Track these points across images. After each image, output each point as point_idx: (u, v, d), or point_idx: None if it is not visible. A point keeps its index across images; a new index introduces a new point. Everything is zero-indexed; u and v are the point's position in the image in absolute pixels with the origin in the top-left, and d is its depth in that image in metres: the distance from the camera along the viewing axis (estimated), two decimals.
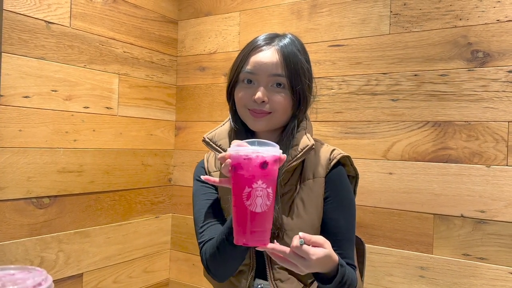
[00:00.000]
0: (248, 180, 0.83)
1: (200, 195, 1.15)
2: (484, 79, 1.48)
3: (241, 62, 1.06)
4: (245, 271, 1.06)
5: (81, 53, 1.75)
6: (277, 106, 1.03)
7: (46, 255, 1.63)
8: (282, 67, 1.02)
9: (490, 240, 1.47)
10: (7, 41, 1.49)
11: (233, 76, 1.08)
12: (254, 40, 1.08)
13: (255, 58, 1.04)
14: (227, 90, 1.11)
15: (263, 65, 1.02)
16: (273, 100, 1.02)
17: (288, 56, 1.03)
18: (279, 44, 1.04)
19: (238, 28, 2.05)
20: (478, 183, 1.48)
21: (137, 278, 2.05)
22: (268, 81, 1.03)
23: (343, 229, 1.06)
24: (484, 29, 1.49)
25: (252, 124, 1.06)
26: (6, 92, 1.49)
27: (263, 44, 1.05)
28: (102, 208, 1.86)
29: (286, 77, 1.02)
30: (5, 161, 1.50)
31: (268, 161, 0.82)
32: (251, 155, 0.82)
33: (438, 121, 1.56)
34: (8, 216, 1.51)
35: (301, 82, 1.04)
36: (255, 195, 0.83)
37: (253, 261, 1.06)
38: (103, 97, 1.85)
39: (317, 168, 1.07)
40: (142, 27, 2.04)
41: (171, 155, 2.24)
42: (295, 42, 1.08)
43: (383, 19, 1.67)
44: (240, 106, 1.06)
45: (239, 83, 1.07)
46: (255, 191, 0.83)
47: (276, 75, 1.02)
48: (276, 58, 1.02)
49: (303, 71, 1.05)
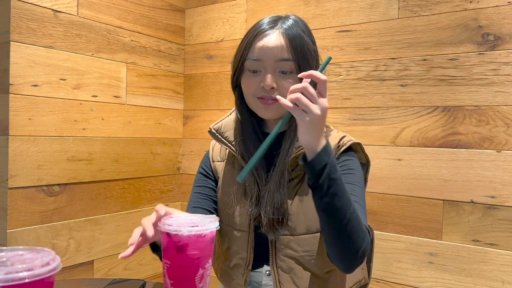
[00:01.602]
0: (201, 261, 0.74)
1: (194, 187, 1.15)
2: (495, 62, 1.46)
3: (245, 50, 1.01)
4: (242, 265, 1.05)
5: (89, 42, 1.76)
6: (286, 92, 0.97)
7: (57, 242, 1.65)
8: (289, 51, 0.98)
9: (500, 226, 1.45)
10: (15, 30, 1.50)
11: (238, 64, 1.03)
12: (256, 25, 1.04)
13: (259, 44, 0.99)
14: (232, 80, 1.07)
15: (268, 50, 0.98)
16: (282, 86, 0.99)
17: (294, 39, 0.99)
18: (282, 27, 1.00)
19: (245, 15, 2.04)
20: (488, 168, 1.47)
21: (147, 265, 2.07)
22: (276, 67, 0.99)
23: (348, 190, 1.01)
24: (495, 12, 1.46)
25: (262, 113, 1.02)
26: (15, 80, 1.51)
27: (267, 28, 1.00)
28: (112, 196, 1.88)
29: (294, 61, 0.98)
30: (16, 149, 1.51)
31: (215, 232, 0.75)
32: (203, 231, 0.73)
33: (447, 106, 1.54)
34: (19, 203, 1.53)
35: (308, 64, 1.00)
36: (207, 275, 0.76)
37: (249, 255, 1.04)
38: (111, 86, 1.86)
39: None
40: (149, 16, 2.04)
41: (179, 144, 2.25)
42: (299, 23, 1.03)
43: (391, 3, 1.65)
44: (249, 95, 1.03)
45: (244, 71, 1.03)
46: (207, 271, 0.76)
47: (283, 60, 0.98)
48: (281, 41, 0.98)
49: (309, 53, 1.01)
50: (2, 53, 1.50)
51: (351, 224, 0.85)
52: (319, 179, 0.82)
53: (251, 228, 1.04)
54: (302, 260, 0.99)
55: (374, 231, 1.32)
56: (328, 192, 0.83)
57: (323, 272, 1.01)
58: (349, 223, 0.85)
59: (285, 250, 1.00)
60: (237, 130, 1.08)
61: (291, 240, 1.00)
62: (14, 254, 0.63)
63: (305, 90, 0.81)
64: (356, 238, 0.86)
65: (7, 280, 0.54)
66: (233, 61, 1.06)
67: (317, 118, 0.81)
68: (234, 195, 1.07)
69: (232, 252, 1.07)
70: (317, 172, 0.83)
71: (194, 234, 0.72)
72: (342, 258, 0.90)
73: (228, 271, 1.09)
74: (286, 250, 1.00)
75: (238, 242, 1.06)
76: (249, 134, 1.06)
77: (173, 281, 0.75)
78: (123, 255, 0.81)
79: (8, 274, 0.55)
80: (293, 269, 1.00)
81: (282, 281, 1.00)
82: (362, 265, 1.14)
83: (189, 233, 0.72)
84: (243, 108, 1.07)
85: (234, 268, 1.07)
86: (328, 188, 0.83)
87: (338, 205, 0.84)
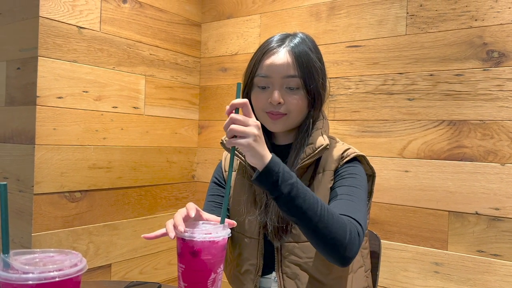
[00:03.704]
0: (214, 265, 0.78)
1: (208, 195, 1.21)
2: (499, 78, 1.50)
3: (254, 67, 1.08)
4: (252, 271, 1.10)
5: (110, 56, 1.85)
6: (292, 107, 1.06)
7: (77, 246, 1.74)
8: (295, 68, 1.04)
9: (504, 237, 1.49)
10: (43, 45, 1.60)
11: (248, 80, 1.10)
12: (265, 43, 1.10)
13: (267, 61, 1.06)
14: (242, 94, 1.12)
15: (275, 68, 1.04)
16: (289, 101, 1.05)
17: (300, 56, 1.05)
18: (290, 45, 1.06)
19: (259, 30, 2.11)
20: (492, 181, 1.51)
21: (162, 270, 2.14)
22: (283, 83, 1.05)
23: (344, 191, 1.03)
24: (499, 29, 1.51)
25: (270, 126, 1.09)
26: (42, 93, 1.60)
27: (275, 47, 1.07)
28: (129, 202, 1.96)
29: (299, 77, 1.04)
30: (41, 157, 1.61)
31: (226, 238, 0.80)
32: (215, 238, 0.78)
33: (453, 120, 1.59)
34: (43, 208, 1.62)
35: (314, 80, 1.06)
36: (218, 279, 0.80)
37: (259, 261, 1.09)
38: (131, 97, 1.95)
39: (327, 163, 1.09)
40: (167, 30, 2.13)
41: (194, 153, 2.33)
42: (306, 41, 1.08)
43: (399, 20, 1.70)
44: (258, 110, 1.09)
45: (254, 87, 1.09)
46: (219, 275, 0.80)
47: (289, 77, 1.04)
48: (288, 59, 1.04)
49: (315, 70, 1.07)
50: (30, 68, 1.61)
51: (324, 220, 0.87)
52: (277, 187, 0.85)
53: (261, 236, 1.09)
54: (307, 266, 1.04)
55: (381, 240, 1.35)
56: (290, 195, 0.85)
57: (327, 278, 1.05)
58: (322, 218, 0.87)
59: (290, 256, 1.05)
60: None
61: (295, 247, 1.05)
62: (45, 256, 0.70)
63: (233, 120, 0.85)
64: (335, 230, 0.88)
65: (40, 279, 0.61)
66: (243, 76, 1.13)
67: (257, 136, 0.85)
68: (244, 204, 1.12)
69: (243, 258, 1.12)
70: (274, 182, 0.85)
71: (208, 241, 0.78)
72: (330, 252, 0.91)
73: (239, 276, 1.13)
74: (291, 257, 1.05)
75: (248, 249, 1.11)
76: None
77: (187, 284, 0.80)
78: (146, 235, 0.89)
79: (41, 273, 0.62)
80: (298, 275, 1.04)
81: (287, 287, 1.05)
82: (366, 272, 1.18)
83: (202, 239, 0.78)
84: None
85: (244, 274, 1.11)
86: (289, 192, 0.85)
87: (304, 206, 0.86)
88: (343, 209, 0.97)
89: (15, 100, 1.66)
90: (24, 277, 0.61)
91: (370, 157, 1.73)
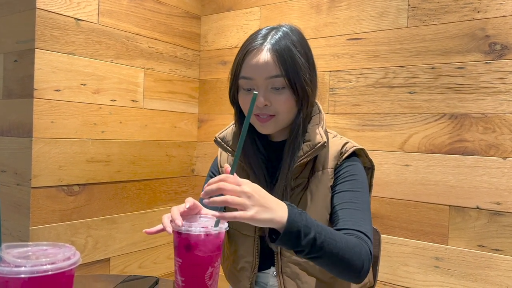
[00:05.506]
0: (211, 259, 0.77)
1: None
2: (502, 71, 1.48)
3: (237, 68, 1.03)
4: (248, 268, 1.08)
5: (108, 49, 1.83)
6: (280, 108, 1.01)
7: (76, 240, 1.73)
8: (277, 67, 0.98)
9: (505, 232, 1.48)
10: (40, 38, 1.59)
11: (232, 82, 1.06)
12: (247, 40, 1.03)
13: (249, 62, 1.00)
14: (229, 95, 1.09)
15: (257, 69, 0.98)
16: (275, 102, 1.00)
17: (282, 54, 0.98)
18: (271, 42, 0.99)
19: (259, 22, 2.09)
20: (494, 175, 1.49)
21: (161, 264, 2.14)
22: (267, 84, 1.00)
23: (347, 197, 1.01)
24: (502, 22, 1.49)
25: (260, 129, 1.05)
26: (39, 86, 1.59)
27: (256, 46, 0.99)
28: (128, 196, 1.95)
29: (283, 76, 0.98)
30: (39, 150, 1.60)
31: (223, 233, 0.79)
32: (212, 232, 0.77)
33: (454, 114, 1.57)
34: (41, 202, 1.61)
35: (299, 77, 1.00)
36: (216, 273, 0.80)
37: (255, 259, 1.07)
38: (129, 90, 1.94)
39: (327, 160, 1.06)
40: (166, 23, 2.11)
41: (194, 147, 2.32)
42: (289, 35, 1.02)
43: (401, 12, 1.68)
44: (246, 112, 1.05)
45: (240, 89, 1.05)
46: (216, 269, 0.79)
47: (273, 77, 0.98)
48: (269, 58, 0.98)
49: (299, 66, 1.00)
50: (28, 60, 1.59)
51: (340, 255, 0.86)
52: (299, 246, 0.82)
53: (257, 234, 1.07)
54: (307, 265, 1.02)
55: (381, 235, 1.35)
56: (313, 250, 0.83)
57: (327, 277, 1.04)
58: (338, 255, 0.86)
59: (290, 256, 1.03)
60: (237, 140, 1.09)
61: None
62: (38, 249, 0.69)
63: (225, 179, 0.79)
64: (353, 261, 0.87)
65: (32, 272, 0.60)
66: (228, 76, 1.08)
67: (262, 197, 0.79)
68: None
69: (239, 255, 1.11)
70: (294, 241, 0.82)
71: (203, 234, 0.77)
72: (346, 278, 0.92)
73: (236, 273, 1.12)
74: (291, 257, 1.03)
75: (244, 246, 1.10)
76: (249, 144, 1.08)
77: (184, 278, 0.79)
78: (147, 230, 0.87)
79: (34, 266, 0.61)
80: (298, 274, 1.03)
81: (287, 286, 1.03)
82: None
83: (198, 233, 0.77)
84: (242, 122, 1.09)
85: (241, 271, 1.10)
86: (311, 247, 0.82)
87: (326, 252, 0.84)
88: (350, 223, 0.96)
89: (12, 93, 1.64)
90: (16, 270, 0.60)
91: (371, 151, 1.71)
